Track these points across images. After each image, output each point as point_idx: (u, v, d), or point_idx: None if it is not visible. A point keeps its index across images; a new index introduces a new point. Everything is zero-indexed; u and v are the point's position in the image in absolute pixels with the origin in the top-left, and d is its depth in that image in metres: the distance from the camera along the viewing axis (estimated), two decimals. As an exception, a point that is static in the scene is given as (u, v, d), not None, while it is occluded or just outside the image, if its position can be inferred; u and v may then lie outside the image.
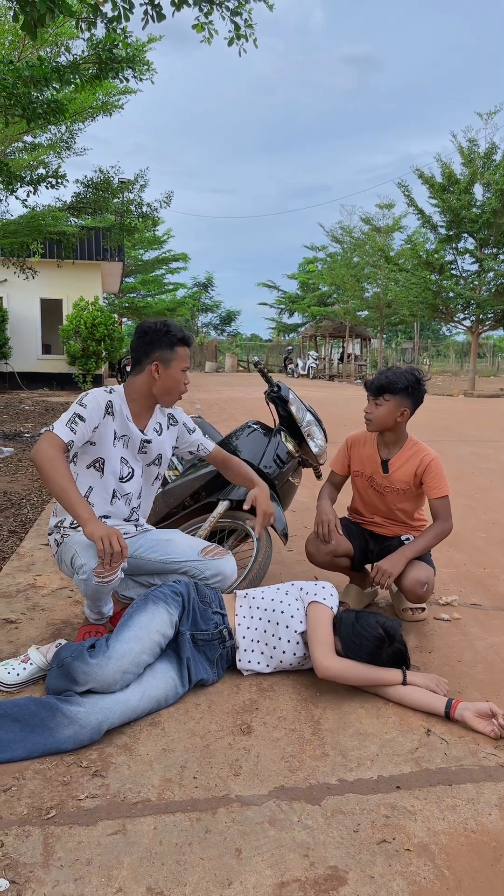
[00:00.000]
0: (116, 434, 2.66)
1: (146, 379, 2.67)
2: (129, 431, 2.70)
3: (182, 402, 14.27)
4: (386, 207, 27.06)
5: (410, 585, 2.81)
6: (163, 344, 2.63)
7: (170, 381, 2.67)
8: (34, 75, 5.90)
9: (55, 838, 1.71)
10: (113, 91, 10.67)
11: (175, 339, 2.64)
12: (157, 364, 2.63)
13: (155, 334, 2.64)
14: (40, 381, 18.46)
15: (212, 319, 55.80)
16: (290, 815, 1.80)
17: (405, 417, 2.96)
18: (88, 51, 6.68)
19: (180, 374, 2.67)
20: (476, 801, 1.87)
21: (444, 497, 2.93)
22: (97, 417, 2.58)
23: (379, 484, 3.06)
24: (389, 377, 2.93)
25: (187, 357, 2.70)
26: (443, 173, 19.53)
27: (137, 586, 2.91)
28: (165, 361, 2.64)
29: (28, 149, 11.59)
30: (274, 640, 2.50)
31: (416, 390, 2.95)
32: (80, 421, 2.51)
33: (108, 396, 2.64)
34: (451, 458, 7.50)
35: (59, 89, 6.52)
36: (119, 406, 2.66)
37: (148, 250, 29.97)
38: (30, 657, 2.46)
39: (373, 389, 2.97)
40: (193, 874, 1.60)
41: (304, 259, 44.46)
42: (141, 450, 2.75)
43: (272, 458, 3.39)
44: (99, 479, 2.67)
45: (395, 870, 1.62)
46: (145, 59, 6.94)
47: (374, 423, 2.98)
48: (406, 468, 2.98)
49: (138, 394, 2.70)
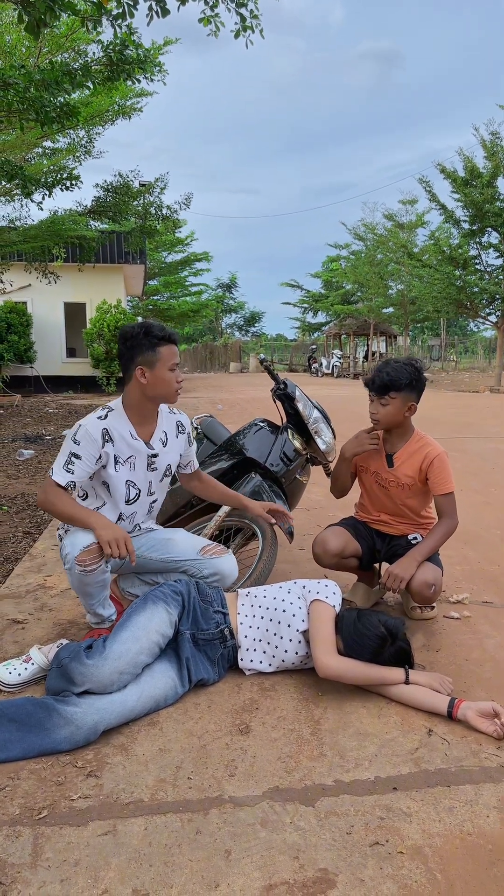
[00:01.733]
0: (119, 458, 2.63)
1: (136, 385, 2.62)
2: (135, 451, 2.67)
3: (204, 403, 14.30)
4: (409, 203, 26.85)
5: (417, 587, 2.76)
6: (144, 346, 2.58)
7: (159, 382, 2.60)
8: (45, 79, 5.94)
9: (45, 839, 1.70)
10: (129, 94, 10.72)
11: (155, 339, 2.58)
12: (141, 368, 2.58)
13: (134, 339, 2.59)
14: (65, 384, 18.64)
15: (236, 320, 55.92)
16: (283, 817, 1.78)
17: (412, 411, 2.91)
18: (100, 53, 6.72)
19: (168, 372, 2.61)
20: (474, 803, 1.82)
21: (448, 494, 2.87)
22: (94, 450, 2.55)
23: (384, 479, 3.02)
24: (391, 374, 2.85)
25: (173, 354, 2.63)
26: (465, 167, 19.29)
27: (143, 584, 2.92)
28: (149, 363, 2.58)
29: (47, 154, 11.71)
30: (276, 640, 2.48)
31: (419, 381, 2.90)
32: (76, 460, 2.52)
33: (103, 424, 2.58)
34: (471, 454, 7.40)
35: (72, 92, 6.54)
36: (118, 428, 2.62)
37: (171, 252, 30.08)
38: (31, 657, 2.47)
39: (376, 388, 2.88)
40: (181, 876, 1.58)
41: (327, 257, 44.30)
42: (150, 466, 2.73)
43: (279, 455, 3.36)
44: (109, 497, 2.70)
45: (386, 873, 1.58)
46: (156, 61, 6.95)
47: (383, 422, 2.92)
48: (411, 462, 2.93)
49: (134, 402, 2.66)
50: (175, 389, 2.66)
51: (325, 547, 3.00)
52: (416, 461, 2.92)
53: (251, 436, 3.45)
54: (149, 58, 6.63)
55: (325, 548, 3.00)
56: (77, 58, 9.24)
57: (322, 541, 3.03)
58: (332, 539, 3.01)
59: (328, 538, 3.02)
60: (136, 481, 2.71)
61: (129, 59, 6.43)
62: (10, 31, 8.83)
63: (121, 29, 4.98)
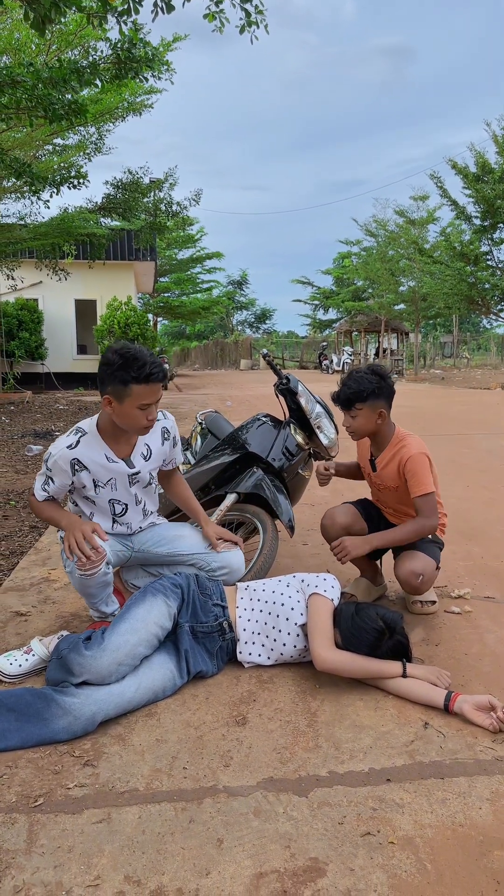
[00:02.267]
0: (97, 482, 2.62)
1: (105, 410, 2.53)
2: (114, 472, 2.63)
3: (213, 399, 14.32)
4: (420, 199, 26.71)
5: (405, 576, 2.77)
6: (115, 380, 2.43)
7: (125, 418, 2.50)
8: (53, 77, 5.97)
9: (40, 826, 1.72)
10: (139, 91, 10.74)
11: (129, 378, 2.42)
12: (107, 398, 2.47)
13: (108, 367, 2.44)
14: (75, 380, 18.71)
15: (247, 317, 55.90)
16: (276, 807, 1.79)
17: (384, 417, 2.89)
18: (109, 51, 6.74)
19: (136, 411, 2.47)
20: (467, 795, 1.83)
21: (424, 495, 2.80)
22: (66, 479, 2.59)
23: (375, 483, 3.04)
24: (352, 387, 2.83)
25: (150, 394, 2.46)
26: (477, 163, 19.20)
27: (147, 576, 2.93)
28: (118, 397, 2.46)
29: (57, 151, 11.75)
30: (274, 633, 2.49)
31: (384, 387, 2.86)
32: (51, 482, 2.61)
33: (73, 453, 2.53)
34: (480, 451, 7.37)
35: (80, 90, 6.56)
36: (90, 454, 2.56)
37: (182, 249, 30.10)
38: (32, 648, 2.49)
39: (341, 402, 2.88)
40: (172, 863, 1.59)
41: (338, 254, 44.16)
42: (132, 482, 2.71)
43: (281, 450, 3.37)
44: (96, 508, 2.73)
45: (376, 862, 1.59)
46: (164, 59, 6.96)
47: (357, 433, 2.93)
48: (391, 466, 2.91)
49: (107, 425, 2.60)
50: (143, 426, 2.54)
51: (334, 519, 3.05)
52: (395, 464, 2.89)
53: (253, 430, 3.46)
54: (156, 56, 6.64)
55: (334, 520, 3.05)
56: (86, 55, 9.27)
57: (332, 514, 3.08)
58: (341, 513, 3.07)
59: (338, 512, 3.08)
60: (120, 498, 2.72)
61: (137, 58, 6.44)
62: (19, 28, 8.86)
63: (126, 25, 4.99)
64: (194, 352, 47.32)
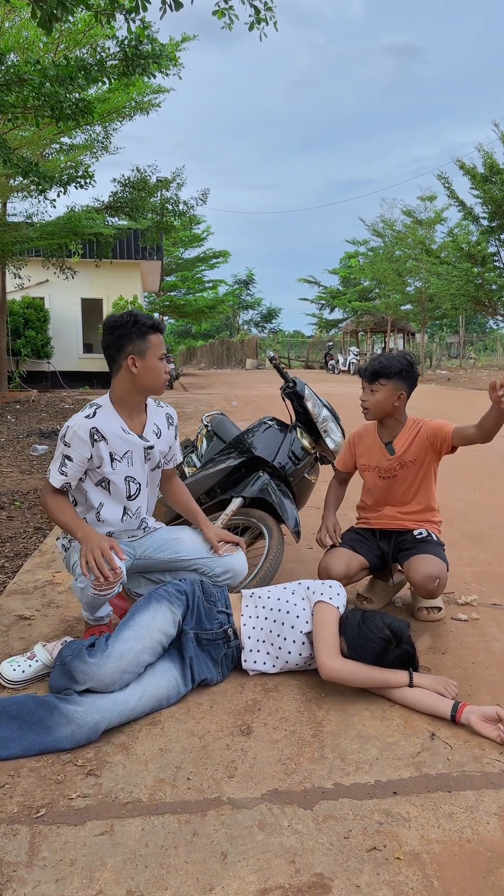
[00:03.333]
0: (114, 455, 2.59)
1: (126, 376, 2.57)
2: (131, 445, 2.63)
3: (219, 399, 14.30)
4: (428, 200, 26.64)
5: (421, 580, 2.74)
6: (133, 335, 2.53)
7: (149, 372, 2.57)
8: (60, 74, 5.95)
9: (42, 837, 1.70)
10: (147, 90, 10.72)
11: (145, 328, 2.54)
12: (132, 357, 2.54)
13: (123, 328, 2.54)
14: (81, 379, 18.73)
15: (253, 317, 55.85)
16: (281, 820, 1.76)
17: (402, 401, 2.94)
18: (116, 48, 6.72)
19: (157, 362, 2.57)
20: (475, 809, 1.80)
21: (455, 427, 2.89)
22: (85, 450, 2.53)
23: (387, 470, 3.01)
24: (383, 362, 2.92)
25: (162, 344, 2.59)
26: (484, 163, 19.11)
27: (149, 583, 2.90)
28: (140, 353, 2.54)
29: (64, 150, 11.75)
30: (279, 641, 2.47)
31: (410, 374, 2.94)
32: (68, 462, 2.53)
33: (91, 423, 2.53)
34: (486, 453, 7.33)
35: (87, 87, 6.54)
36: (108, 425, 2.57)
37: (188, 248, 30.07)
38: (36, 654, 2.47)
39: (367, 375, 2.95)
40: (175, 878, 1.57)
41: (345, 254, 44.04)
42: (147, 457, 2.70)
43: (287, 454, 3.34)
44: (108, 496, 2.66)
45: (383, 879, 1.57)
46: (172, 55, 6.93)
47: (372, 410, 2.96)
48: (416, 442, 2.97)
49: (124, 394, 2.61)
50: (164, 379, 2.64)
51: (329, 574, 2.95)
52: (422, 438, 2.96)
53: (259, 434, 3.43)
54: (164, 52, 6.62)
55: (329, 575, 2.95)
56: (94, 53, 9.26)
57: (325, 569, 2.99)
58: (333, 565, 2.96)
59: (330, 565, 2.97)
60: (136, 476, 2.68)
61: (144, 54, 6.42)
62: (27, 26, 8.85)
63: (134, 23, 4.97)
64: (200, 351, 47.31)
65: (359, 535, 3.13)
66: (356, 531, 3.17)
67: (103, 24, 5.30)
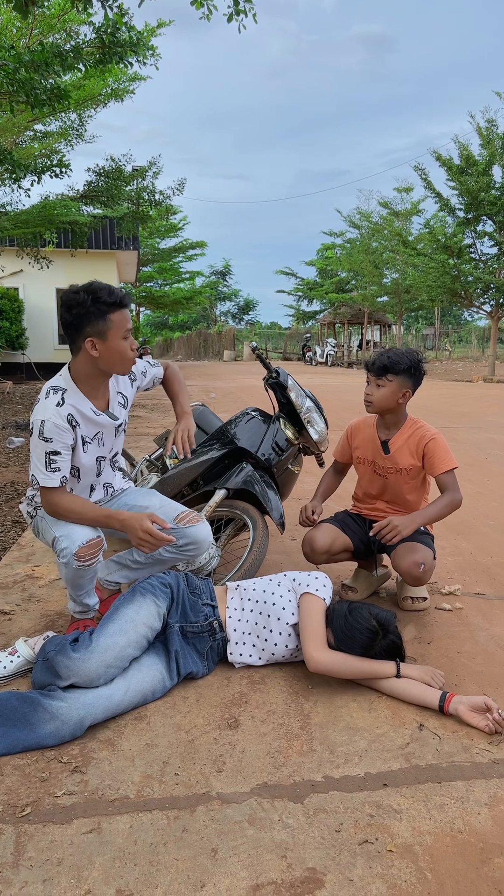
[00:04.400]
0: (86, 439, 2.50)
1: (86, 358, 2.39)
2: (101, 426, 2.54)
3: (197, 391, 14.23)
4: (404, 191, 26.71)
5: (407, 567, 2.74)
6: (92, 315, 2.32)
7: (112, 354, 2.38)
8: (35, 60, 5.83)
9: (28, 837, 1.66)
10: (122, 77, 10.58)
11: (105, 306, 2.32)
12: (91, 340, 2.35)
13: (80, 306, 2.31)
14: (57, 371, 18.39)
15: (230, 308, 55.67)
16: (271, 814, 1.74)
17: (406, 398, 2.92)
18: (93, 35, 6.60)
19: (121, 342, 2.38)
20: (465, 800, 1.79)
21: (450, 471, 2.87)
22: (68, 439, 2.40)
23: (382, 467, 3.00)
24: (392, 357, 2.89)
25: (126, 320, 2.38)
26: (461, 155, 19.18)
27: (120, 569, 2.80)
28: (100, 334, 2.34)
29: (38, 138, 11.56)
30: (266, 633, 2.44)
31: (418, 371, 2.92)
32: (56, 457, 2.38)
33: (65, 409, 2.39)
34: (465, 444, 7.36)
35: (62, 74, 6.43)
36: (79, 409, 2.44)
37: (164, 239, 29.86)
38: (17, 650, 2.42)
39: (375, 370, 2.91)
40: (166, 875, 1.54)
41: (322, 245, 44.08)
42: (117, 433, 2.66)
43: (270, 445, 3.31)
44: (77, 482, 2.60)
45: (376, 872, 1.55)
46: (149, 45, 6.83)
47: (375, 404, 2.93)
48: (407, 446, 2.94)
49: (84, 376, 2.45)
50: (130, 358, 2.44)
51: (312, 545, 2.97)
52: (413, 445, 2.93)
53: (242, 425, 3.40)
54: (141, 41, 6.52)
55: (312, 546, 2.97)
56: (69, 39, 9.10)
57: (309, 539, 3.00)
58: (318, 537, 2.98)
59: (315, 536, 2.99)
60: (105, 455, 2.63)
61: (122, 42, 6.32)
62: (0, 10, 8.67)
63: (112, 10, 4.87)
64: (177, 342, 47.07)
65: (350, 518, 3.14)
66: (349, 514, 3.17)
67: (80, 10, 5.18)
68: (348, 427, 3.20)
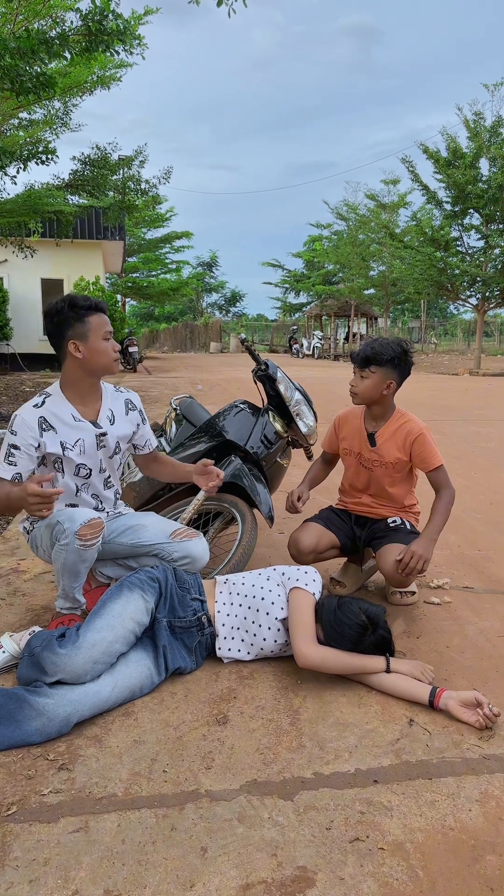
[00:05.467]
0: (65, 444, 2.55)
1: (72, 362, 2.53)
2: (82, 432, 2.59)
3: (183, 383, 14.18)
4: (391, 183, 26.66)
5: (390, 569, 2.72)
6: (71, 319, 2.49)
7: (94, 353, 2.52)
8: (21, 47, 5.74)
9: (13, 836, 1.64)
10: (109, 64, 10.45)
11: (82, 310, 2.49)
12: (73, 343, 2.50)
13: (59, 314, 2.49)
14: (42, 362, 18.35)
15: (217, 300, 55.47)
16: (261, 812, 1.72)
17: (391, 390, 2.88)
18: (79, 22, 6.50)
19: (102, 343, 2.53)
20: (456, 796, 1.79)
21: (439, 467, 2.87)
22: (33, 438, 2.47)
23: (367, 459, 2.98)
24: (376, 348, 2.86)
25: (104, 323, 2.55)
26: (448, 147, 19.16)
27: (115, 566, 2.82)
28: (81, 336, 2.50)
29: (23, 126, 11.41)
30: (254, 628, 2.42)
31: (403, 362, 2.88)
32: (15, 451, 2.46)
33: (39, 412, 2.50)
34: (451, 437, 7.37)
35: (48, 61, 6.33)
36: (57, 413, 2.53)
37: (150, 229, 29.64)
38: (2, 645, 2.39)
39: (359, 360, 2.89)
40: (155, 875, 1.52)
41: (309, 237, 43.93)
42: (99, 444, 2.65)
43: (259, 438, 3.29)
44: (61, 478, 2.60)
45: (367, 870, 1.54)
46: (136, 33, 6.74)
47: (360, 395, 2.91)
48: (394, 440, 2.92)
49: (73, 381, 2.58)
50: (113, 359, 2.57)
51: (298, 546, 2.95)
52: (399, 439, 2.90)
53: (231, 418, 3.37)
54: (128, 29, 6.43)
55: (298, 547, 2.95)
56: (55, 26, 8.96)
57: (294, 540, 2.98)
58: (303, 537, 2.96)
59: (300, 537, 2.96)
60: (87, 462, 2.64)
61: (109, 30, 6.23)
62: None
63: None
64: (163, 334, 46.82)
65: (335, 514, 3.11)
66: (333, 510, 3.15)
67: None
68: (336, 417, 3.18)
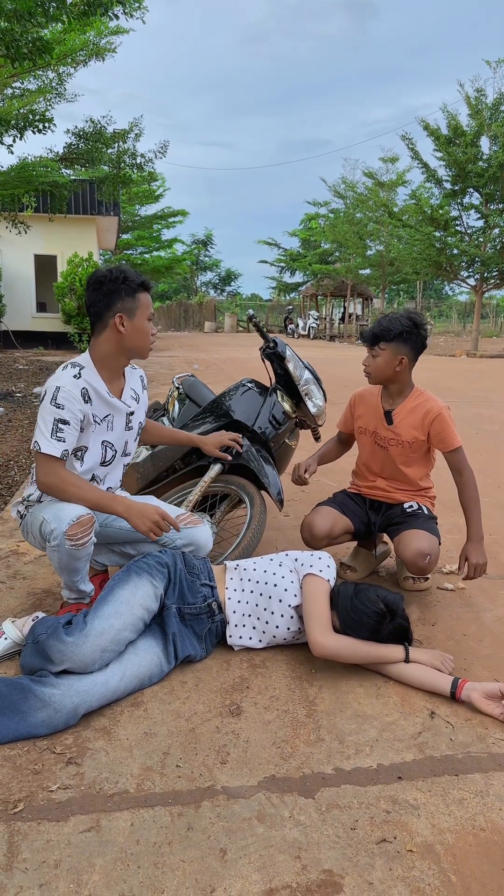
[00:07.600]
0: (96, 418, 2.41)
1: (112, 335, 2.39)
2: (113, 409, 2.46)
3: (179, 362, 14.01)
4: (390, 161, 26.34)
5: (412, 557, 2.62)
6: (123, 292, 2.36)
7: (137, 332, 2.41)
8: (18, 10, 5.53)
9: (21, 836, 1.55)
10: (104, 31, 10.18)
11: (135, 286, 2.38)
12: (120, 316, 2.36)
13: (112, 283, 2.36)
14: (35, 339, 18.12)
15: (211, 279, 54.96)
16: (281, 810, 1.64)
17: (404, 365, 2.79)
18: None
19: (146, 323, 2.43)
20: (485, 794, 1.71)
21: (458, 448, 2.81)
22: (79, 411, 2.31)
23: (384, 438, 2.88)
24: (383, 324, 2.78)
25: (150, 304, 2.44)
26: (448, 125, 18.84)
27: (110, 552, 2.70)
28: (129, 311, 2.38)
29: (18, 95, 11.14)
30: (266, 615, 2.33)
31: (414, 335, 2.77)
32: (63, 426, 2.27)
33: (80, 383, 2.34)
34: (454, 419, 7.26)
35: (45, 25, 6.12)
36: (94, 386, 2.39)
37: (145, 205, 29.25)
38: (4, 631, 2.29)
39: (368, 339, 2.81)
40: (172, 879, 1.44)
41: (305, 215, 43.50)
42: (128, 425, 2.55)
43: (267, 418, 3.17)
44: (79, 467, 2.44)
45: (397, 874, 1.46)
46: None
47: (373, 375, 2.83)
48: (412, 419, 2.82)
49: (106, 357, 2.43)
50: (151, 343, 2.49)
51: (312, 531, 2.85)
52: (418, 417, 2.81)
53: (238, 397, 3.25)
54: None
55: (312, 532, 2.85)
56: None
57: (308, 525, 2.89)
58: (318, 521, 2.86)
59: (314, 521, 2.87)
60: (113, 441, 2.51)
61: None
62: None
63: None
64: (157, 312, 46.41)
65: (349, 499, 3.02)
66: (347, 494, 3.05)
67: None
68: (353, 395, 3.08)
